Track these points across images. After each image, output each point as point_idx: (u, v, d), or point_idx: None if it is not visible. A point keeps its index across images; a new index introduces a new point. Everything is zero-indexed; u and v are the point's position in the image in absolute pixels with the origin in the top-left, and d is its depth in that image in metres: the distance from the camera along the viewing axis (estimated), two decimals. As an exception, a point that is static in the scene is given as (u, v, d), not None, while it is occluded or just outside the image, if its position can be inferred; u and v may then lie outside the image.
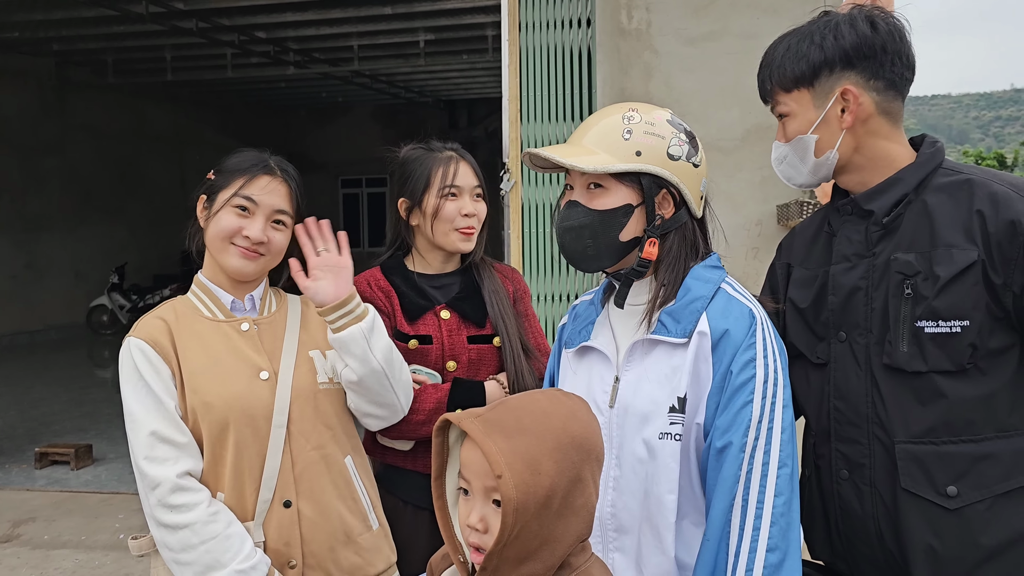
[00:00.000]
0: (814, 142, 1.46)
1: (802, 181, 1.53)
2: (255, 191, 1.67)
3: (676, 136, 1.40)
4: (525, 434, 1.04)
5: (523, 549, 1.03)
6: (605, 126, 1.40)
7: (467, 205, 1.95)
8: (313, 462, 1.66)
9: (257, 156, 1.72)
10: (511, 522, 1.00)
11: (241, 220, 1.66)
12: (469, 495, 1.08)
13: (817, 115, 1.45)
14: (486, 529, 1.05)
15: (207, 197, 1.71)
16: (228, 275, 1.70)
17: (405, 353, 1.94)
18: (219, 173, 1.71)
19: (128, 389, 1.60)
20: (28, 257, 11.43)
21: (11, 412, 7.25)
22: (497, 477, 1.00)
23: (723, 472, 1.27)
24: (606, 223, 1.37)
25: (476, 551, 1.06)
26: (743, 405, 1.28)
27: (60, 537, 4.43)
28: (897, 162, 1.45)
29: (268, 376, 1.65)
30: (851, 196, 1.50)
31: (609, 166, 1.35)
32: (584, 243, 1.39)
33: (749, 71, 5.19)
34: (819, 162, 1.47)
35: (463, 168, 1.98)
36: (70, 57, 11.30)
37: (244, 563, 1.53)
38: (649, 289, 1.41)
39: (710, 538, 1.27)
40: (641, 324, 1.40)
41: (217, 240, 1.66)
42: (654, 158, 1.37)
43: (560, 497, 1.04)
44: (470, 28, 9.26)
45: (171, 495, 1.53)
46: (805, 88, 1.45)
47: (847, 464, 1.44)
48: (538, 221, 4.53)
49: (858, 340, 1.43)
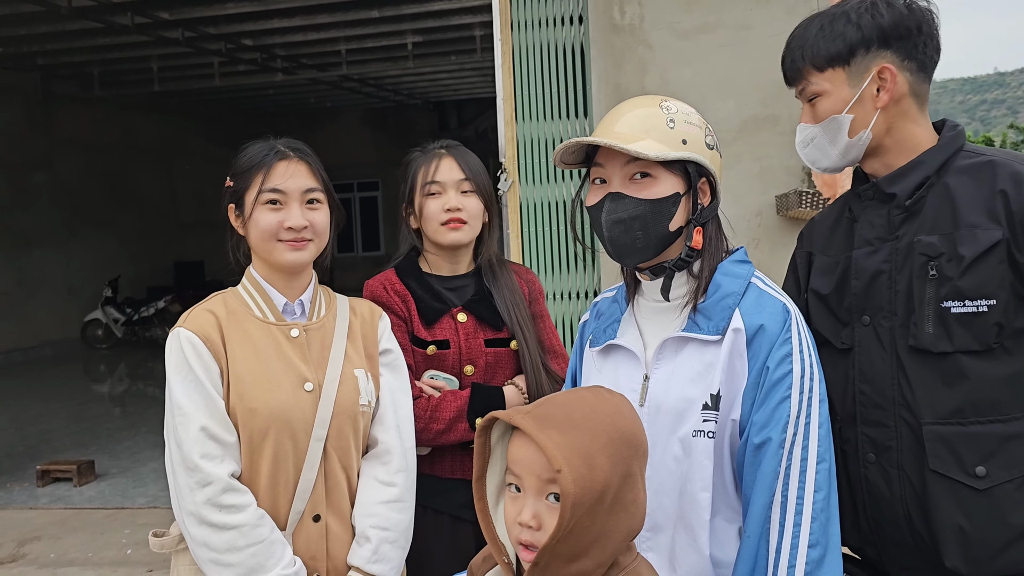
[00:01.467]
0: (848, 122, 1.45)
1: (829, 164, 1.52)
2: (278, 180, 1.64)
3: (707, 126, 1.42)
4: (578, 429, 1.04)
5: (576, 545, 1.02)
6: (643, 115, 1.38)
7: (450, 200, 1.92)
8: (343, 479, 1.65)
9: (265, 145, 1.70)
10: (568, 517, 0.99)
11: (277, 214, 1.63)
12: (519, 492, 1.07)
13: (852, 94, 1.44)
14: (539, 526, 1.04)
15: (235, 205, 1.68)
16: (283, 270, 1.67)
17: (422, 359, 1.92)
18: (235, 177, 1.68)
19: (177, 381, 1.56)
20: (19, 274, 11.34)
21: (10, 430, 7.19)
22: (557, 472, 0.99)
23: (762, 468, 1.25)
24: (657, 212, 1.35)
25: (526, 549, 1.05)
26: (780, 401, 1.27)
27: (67, 555, 4.39)
28: (921, 146, 1.46)
29: (312, 388, 1.62)
30: (873, 180, 1.49)
31: (667, 153, 1.34)
32: (634, 235, 1.35)
33: (744, 63, 5.18)
34: (851, 143, 1.47)
35: (445, 163, 1.94)
36: (55, 71, 11.22)
37: (287, 569, 1.53)
38: (687, 282, 1.40)
39: (750, 535, 1.25)
40: (677, 318, 1.39)
41: (263, 242, 1.64)
42: (697, 146, 1.38)
43: (612, 492, 1.04)
44: (458, 29, 9.24)
45: (223, 495, 1.51)
46: (840, 67, 1.45)
47: (874, 447, 1.44)
48: (537, 220, 4.51)
49: (882, 323, 1.43)
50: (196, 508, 1.51)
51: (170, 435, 1.57)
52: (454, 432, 1.86)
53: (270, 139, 1.72)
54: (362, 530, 1.64)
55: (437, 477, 1.93)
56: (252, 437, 1.57)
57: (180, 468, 1.54)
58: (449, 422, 1.84)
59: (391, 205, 16.66)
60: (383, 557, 1.63)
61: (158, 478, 5.65)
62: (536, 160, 4.53)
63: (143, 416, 7.62)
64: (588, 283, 4.53)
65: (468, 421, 1.85)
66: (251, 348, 1.61)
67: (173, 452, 1.56)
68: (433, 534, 1.92)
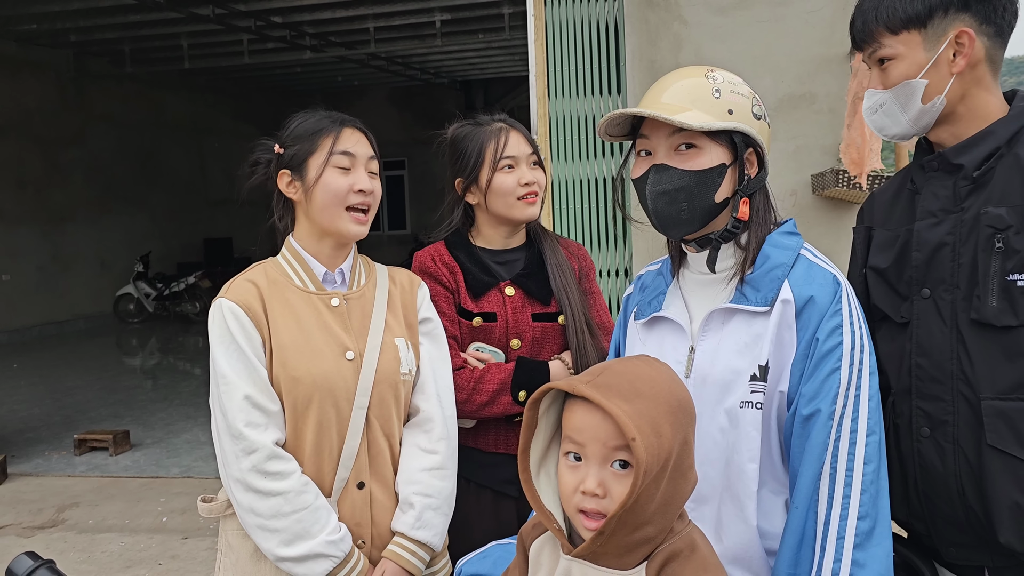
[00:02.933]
0: (923, 88, 1.42)
1: (899, 131, 1.48)
2: (349, 144, 1.66)
3: (754, 96, 1.39)
4: (642, 398, 1.04)
5: (641, 513, 1.03)
6: (689, 85, 1.37)
7: (525, 174, 1.93)
8: (385, 447, 1.67)
9: (330, 114, 1.70)
10: (639, 484, 1.00)
11: (347, 177, 1.65)
12: (578, 461, 1.07)
13: (928, 58, 1.41)
14: (605, 494, 1.04)
15: (291, 171, 1.68)
16: (339, 239, 1.68)
17: (468, 331, 1.93)
18: (295, 141, 1.68)
19: (220, 351, 1.58)
20: (54, 248, 11.54)
21: (47, 401, 7.36)
22: (631, 440, 1.00)
23: (811, 440, 1.25)
24: (702, 184, 1.34)
25: (587, 517, 1.06)
26: (830, 372, 1.26)
27: (104, 521, 4.50)
28: (992, 115, 1.42)
29: (354, 357, 1.64)
30: (938, 151, 1.46)
31: (712, 123, 1.32)
32: (679, 206, 1.34)
33: (780, 39, 5.08)
34: (924, 109, 1.43)
35: (514, 137, 1.95)
36: (88, 48, 11.33)
37: (334, 535, 1.55)
38: (733, 254, 1.39)
39: (798, 506, 1.25)
40: (724, 290, 1.38)
41: (331, 206, 1.64)
42: (743, 116, 1.36)
43: (674, 459, 1.05)
44: (486, 7, 9.19)
45: (267, 462, 1.54)
46: (916, 30, 1.41)
47: (928, 421, 1.42)
48: (570, 198, 4.50)
49: (943, 296, 1.41)
50: (242, 475, 1.54)
51: (215, 404, 1.60)
52: (497, 405, 1.86)
53: (318, 111, 1.73)
54: (405, 497, 1.66)
55: (480, 451, 1.94)
56: (296, 405, 1.59)
57: (225, 436, 1.56)
58: (492, 394, 1.84)
59: (417, 184, 16.70)
60: (427, 523, 1.65)
61: (191, 449, 5.76)
62: (569, 137, 4.51)
63: (175, 389, 7.76)
64: (620, 261, 4.52)
65: (512, 394, 1.86)
66: (293, 317, 1.63)
67: (218, 420, 1.58)
68: (475, 508, 1.93)
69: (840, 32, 4.00)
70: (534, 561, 1.19)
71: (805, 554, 1.24)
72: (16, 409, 7.03)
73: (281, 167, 1.69)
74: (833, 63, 4.29)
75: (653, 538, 1.06)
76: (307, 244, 1.70)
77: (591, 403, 1.05)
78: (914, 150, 1.55)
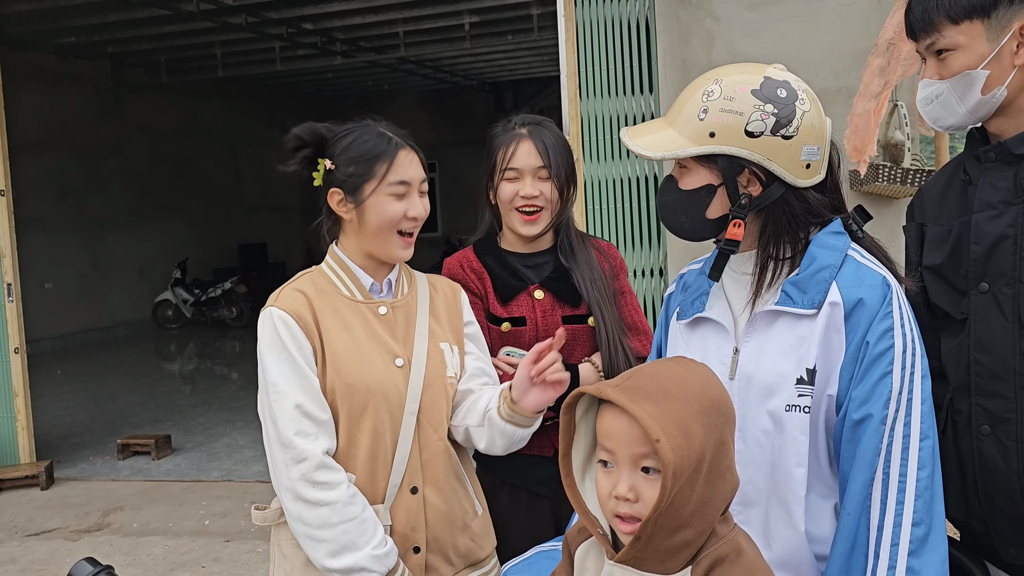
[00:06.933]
0: (983, 79, 1.39)
1: (954, 122, 1.45)
2: (403, 171, 1.66)
3: (759, 110, 1.28)
4: (670, 399, 1.03)
5: (677, 516, 1.02)
6: (684, 102, 1.35)
7: (526, 187, 1.89)
8: (438, 451, 1.67)
9: (383, 136, 1.69)
10: (670, 487, 0.99)
11: (401, 203, 1.65)
12: (611, 466, 1.06)
13: (990, 49, 1.38)
14: (637, 498, 1.03)
15: (344, 191, 1.67)
16: (386, 261, 1.70)
17: (498, 336, 1.92)
18: (349, 162, 1.66)
19: (271, 360, 1.59)
20: (94, 257, 11.78)
21: (89, 406, 7.52)
22: (655, 442, 0.99)
23: (862, 445, 1.22)
24: (691, 202, 1.36)
25: (623, 521, 1.05)
26: (882, 376, 1.23)
27: (148, 525, 4.58)
28: None
29: (403, 363, 1.65)
30: (998, 141, 1.43)
31: (676, 151, 1.30)
32: (679, 219, 1.41)
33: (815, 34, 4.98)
34: (983, 100, 1.40)
35: (524, 148, 1.90)
36: (124, 59, 11.55)
37: (379, 549, 1.54)
38: (755, 261, 1.37)
39: (849, 512, 1.23)
40: (756, 297, 1.35)
41: (383, 230, 1.65)
42: (729, 138, 1.29)
43: (709, 460, 1.03)
44: (515, 8, 9.18)
45: (316, 471, 1.54)
46: (979, 19, 1.38)
47: (989, 419, 1.38)
48: (602, 198, 4.48)
49: (1004, 291, 1.37)
50: (291, 484, 1.55)
51: (265, 412, 1.60)
52: None
53: (369, 123, 1.72)
54: (488, 400, 1.69)
55: (515, 453, 1.94)
56: (351, 412, 1.60)
57: (276, 444, 1.57)
58: None
59: (448, 187, 16.73)
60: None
61: (231, 453, 5.83)
62: (601, 137, 4.48)
63: (214, 394, 7.88)
64: (654, 261, 4.48)
65: None
66: (343, 326, 1.63)
67: (269, 429, 1.59)
68: (511, 509, 1.94)
69: (876, 25, 3.92)
70: (579, 565, 1.18)
71: (857, 561, 1.21)
72: (61, 415, 7.18)
73: (333, 185, 1.68)
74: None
75: (693, 541, 1.05)
76: (354, 257, 1.71)
77: (619, 407, 1.04)
78: (966, 141, 1.51)
